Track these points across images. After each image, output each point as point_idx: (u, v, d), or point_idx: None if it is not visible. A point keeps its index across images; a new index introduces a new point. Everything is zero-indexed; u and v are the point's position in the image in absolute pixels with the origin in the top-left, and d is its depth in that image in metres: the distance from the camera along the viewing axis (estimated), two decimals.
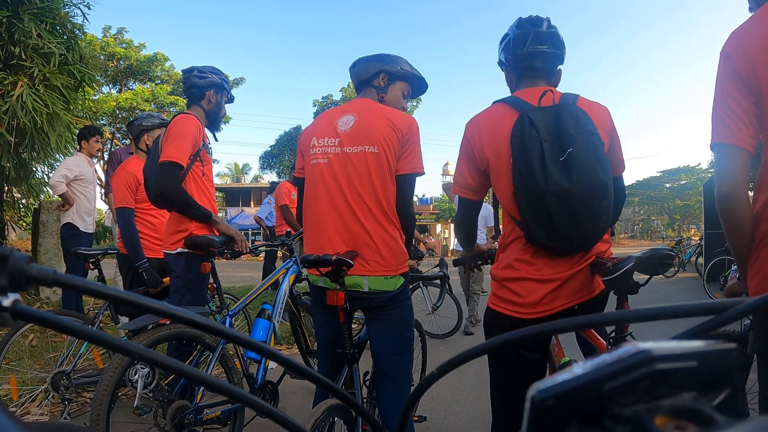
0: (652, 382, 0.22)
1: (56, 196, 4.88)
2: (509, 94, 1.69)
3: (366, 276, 1.79)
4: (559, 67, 1.65)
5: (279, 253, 3.63)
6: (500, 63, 1.72)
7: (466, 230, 1.84)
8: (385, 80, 1.97)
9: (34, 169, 5.81)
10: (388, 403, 1.90)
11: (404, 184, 1.86)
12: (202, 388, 2.14)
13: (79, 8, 5.26)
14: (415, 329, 2.00)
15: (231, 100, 2.75)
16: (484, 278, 5.72)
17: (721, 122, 1.22)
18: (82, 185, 4.48)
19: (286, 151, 28.11)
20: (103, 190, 14.37)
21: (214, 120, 2.69)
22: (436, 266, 2.91)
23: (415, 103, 29.91)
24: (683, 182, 43.75)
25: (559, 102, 1.50)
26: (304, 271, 2.62)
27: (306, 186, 1.93)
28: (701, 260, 9.94)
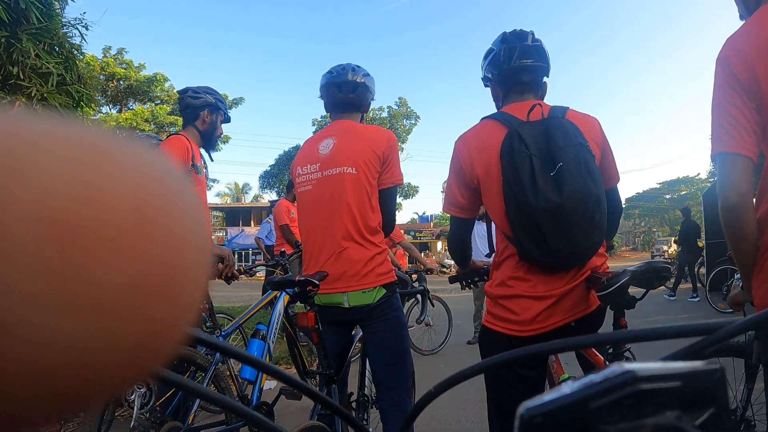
0: (637, 402, 0.22)
1: None
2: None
3: (345, 292, 1.87)
4: (545, 79, 1.63)
5: (277, 273, 3.63)
6: (485, 79, 1.70)
7: (460, 249, 1.81)
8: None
9: None
10: (389, 413, 1.93)
11: (386, 196, 1.97)
12: (194, 410, 2.11)
13: (77, 29, 5.31)
14: None
15: (227, 119, 2.75)
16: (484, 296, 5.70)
17: (722, 130, 1.17)
18: None
19: (286, 171, 28.17)
20: None
21: (209, 139, 2.69)
22: (416, 281, 2.93)
23: (413, 121, 30.17)
24: (683, 193, 43.89)
25: (548, 116, 1.47)
26: None
27: (298, 212, 2.05)
28: (703, 270, 9.87)
